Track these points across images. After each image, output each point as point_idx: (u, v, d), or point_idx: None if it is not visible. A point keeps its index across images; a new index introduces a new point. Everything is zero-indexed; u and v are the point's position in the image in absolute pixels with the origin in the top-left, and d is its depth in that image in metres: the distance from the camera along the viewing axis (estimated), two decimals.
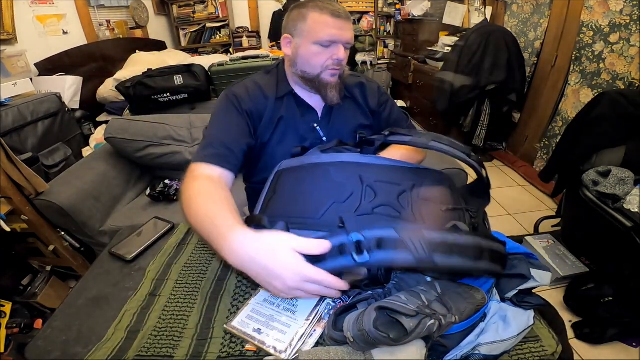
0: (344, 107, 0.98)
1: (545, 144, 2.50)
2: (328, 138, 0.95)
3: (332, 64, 0.86)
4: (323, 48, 0.85)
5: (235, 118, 0.88)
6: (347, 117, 0.98)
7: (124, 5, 3.18)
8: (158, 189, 1.56)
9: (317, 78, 0.88)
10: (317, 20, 0.84)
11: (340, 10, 0.84)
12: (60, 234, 1.51)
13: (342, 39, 0.84)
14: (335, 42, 0.84)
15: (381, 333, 0.49)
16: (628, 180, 1.29)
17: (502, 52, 2.42)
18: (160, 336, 0.63)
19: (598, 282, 1.47)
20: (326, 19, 0.83)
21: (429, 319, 0.50)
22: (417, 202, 0.66)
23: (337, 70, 0.88)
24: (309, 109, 0.95)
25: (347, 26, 0.85)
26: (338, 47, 0.85)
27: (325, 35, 0.83)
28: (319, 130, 0.95)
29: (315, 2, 0.85)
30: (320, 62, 0.86)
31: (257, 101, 0.91)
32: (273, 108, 0.91)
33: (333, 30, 0.83)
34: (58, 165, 1.76)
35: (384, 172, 0.73)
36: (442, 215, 0.64)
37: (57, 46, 2.34)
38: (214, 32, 4.17)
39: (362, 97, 1.00)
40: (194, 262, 0.81)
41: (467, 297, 0.54)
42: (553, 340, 0.61)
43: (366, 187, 0.67)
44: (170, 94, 1.99)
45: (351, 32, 0.86)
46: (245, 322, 0.61)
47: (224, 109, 0.89)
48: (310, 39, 0.85)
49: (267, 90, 0.92)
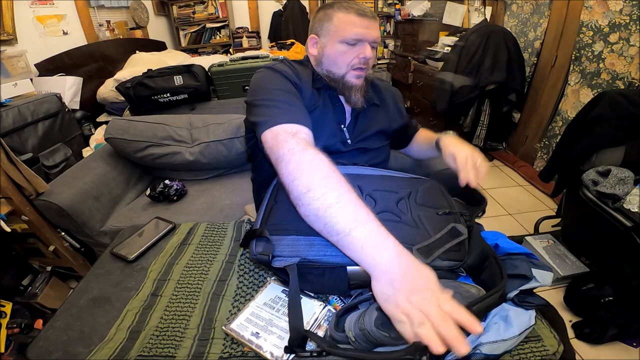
0: (371, 113, 0.97)
1: (545, 144, 2.51)
2: (352, 141, 0.94)
3: (358, 62, 0.86)
4: (349, 46, 0.85)
5: (289, 85, 0.84)
6: (371, 123, 0.97)
7: (124, 5, 3.18)
8: (158, 189, 1.55)
9: (342, 79, 0.88)
10: (342, 19, 0.85)
11: (366, 10, 0.85)
12: (60, 234, 1.51)
13: (369, 37, 0.85)
14: (361, 40, 0.84)
15: (382, 332, 0.49)
16: (628, 180, 1.29)
17: (502, 52, 2.42)
18: (162, 336, 0.63)
19: (598, 282, 1.47)
20: (352, 18, 0.84)
21: None
22: (415, 207, 0.69)
23: (363, 71, 0.88)
24: (340, 108, 0.94)
25: (374, 25, 0.85)
26: (364, 45, 0.85)
27: (351, 34, 0.84)
28: (345, 131, 0.94)
29: (341, 2, 0.86)
30: (346, 60, 0.86)
31: (300, 80, 0.88)
32: (310, 94, 0.89)
33: (359, 28, 0.83)
34: (58, 165, 1.76)
35: (381, 182, 0.77)
36: (439, 219, 0.67)
37: (57, 47, 2.33)
38: (213, 33, 4.17)
39: (395, 105, 1.05)
40: (195, 262, 0.81)
41: (468, 296, 0.54)
42: (554, 340, 0.61)
43: (366, 195, 0.71)
44: (170, 95, 1.98)
45: (377, 32, 0.87)
46: (243, 325, 0.61)
47: (276, 80, 0.83)
48: (337, 37, 0.85)
49: (306, 76, 0.91)
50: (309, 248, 0.61)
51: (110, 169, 1.64)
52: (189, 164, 1.68)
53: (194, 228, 0.94)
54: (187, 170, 1.76)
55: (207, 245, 0.87)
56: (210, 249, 0.86)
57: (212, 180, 1.77)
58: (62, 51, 2.33)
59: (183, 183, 1.65)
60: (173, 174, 1.75)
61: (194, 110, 2.06)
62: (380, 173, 0.82)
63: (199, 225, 0.95)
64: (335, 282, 0.62)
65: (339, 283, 0.62)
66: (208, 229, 0.93)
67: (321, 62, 0.90)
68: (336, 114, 0.93)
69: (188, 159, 1.66)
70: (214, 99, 2.19)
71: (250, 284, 0.74)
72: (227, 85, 2.16)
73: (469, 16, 3.19)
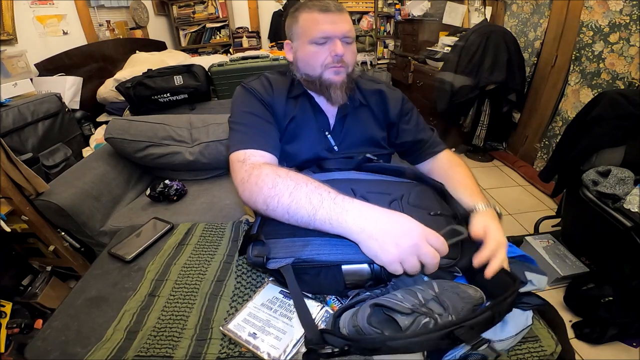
0: (359, 115, 0.93)
1: (545, 144, 2.50)
2: (339, 148, 0.92)
3: (331, 61, 0.82)
4: (319, 46, 0.82)
5: (261, 107, 0.85)
6: (360, 127, 0.93)
7: (124, 5, 3.19)
8: (158, 189, 1.56)
9: (319, 79, 0.85)
10: (307, 19, 0.82)
11: (330, 4, 0.81)
12: (60, 234, 1.52)
13: (337, 32, 0.80)
14: (329, 37, 0.81)
15: (374, 329, 0.49)
16: (628, 180, 1.29)
17: (502, 52, 2.41)
18: (160, 336, 0.63)
19: (598, 282, 1.47)
20: (315, 16, 0.81)
21: (424, 317, 0.50)
22: (408, 208, 0.69)
23: (340, 68, 0.83)
24: (321, 114, 0.91)
25: (340, 18, 0.81)
26: (334, 42, 0.81)
27: (317, 32, 0.80)
28: (330, 138, 0.91)
29: (305, 2, 0.83)
30: (319, 61, 0.83)
31: (272, 95, 0.88)
32: (285, 105, 0.88)
33: (324, 25, 0.80)
34: (58, 165, 1.76)
35: (374, 185, 0.77)
36: (431, 219, 0.67)
37: (57, 46, 2.34)
38: (214, 33, 4.17)
39: (380, 106, 0.95)
40: (193, 262, 0.81)
41: (465, 297, 0.54)
42: (552, 340, 0.61)
43: (359, 197, 0.70)
44: (170, 94, 1.98)
45: (346, 25, 0.82)
46: (241, 325, 0.61)
47: (247, 101, 0.86)
48: (305, 39, 0.83)
49: (281, 87, 0.90)
50: (303, 248, 0.61)
51: (110, 169, 1.64)
52: (189, 164, 1.69)
53: (192, 228, 0.94)
54: (187, 170, 1.76)
55: (205, 245, 0.87)
56: (208, 250, 0.86)
57: (212, 180, 1.78)
58: (62, 51, 2.33)
59: (183, 183, 1.65)
60: (173, 174, 1.75)
61: (194, 110, 2.06)
62: (375, 178, 0.82)
63: (197, 225, 0.95)
64: (332, 282, 0.62)
65: (335, 282, 0.62)
66: (206, 230, 0.93)
67: (297, 67, 0.88)
68: (318, 121, 0.91)
69: (188, 159, 1.66)
70: (214, 99, 2.19)
71: (247, 285, 0.74)
72: (227, 85, 2.16)
73: (469, 16, 3.19)
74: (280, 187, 0.63)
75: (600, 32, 1.99)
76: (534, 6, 2.56)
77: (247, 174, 0.69)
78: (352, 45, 0.85)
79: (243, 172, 0.70)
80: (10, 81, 1.82)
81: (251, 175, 0.68)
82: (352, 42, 0.84)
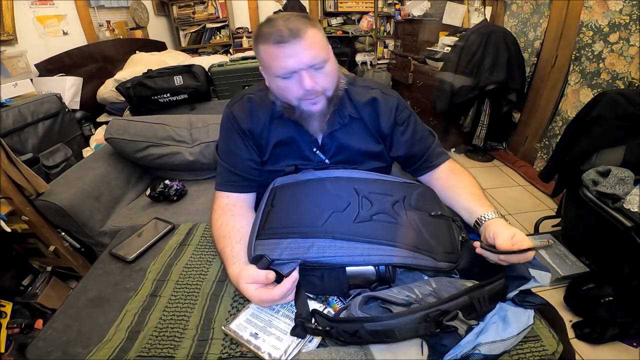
0: (350, 129, 0.87)
1: (545, 144, 2.50)
2: (331, 162, 0.88)
3: (303, 94, 0.74)
4: (287, 80, 0.73)
5: (237, 140, 0.86)
6: (353, 142, 0.87)
7: (124, 5, 3.18)
8: (158, 189, 1.55)
9: (298, 108, 0.78)
10: (266, 53, 0.73)
11: (283, 33, 0.69)
12: (60, 234, 1.51)
13: (300, 65, 0.71)
14: (293, 71, 0.72)
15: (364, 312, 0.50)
16: (628, 180, 1.29)
17: (502, 52, 2.42)
18: (161, 337, 0.63)
19: (598, 282, 1.47)
20: (272, 51, 0.71)
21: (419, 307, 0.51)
22: (410, 210, 0.72)
23: (316, 98, 0.76)
24: (307, 133, 0.85)
25: (299, 48, 0.69)
26: (300, 75, 0.72)
27: (278, 70, 0.72)
28: (319, 154, 0.88)
29: (262, 29, 0.73)
30: (292, 94, 0.75)
31: (252, 120, 0.85)
32: (269, 127, 0.85)
33: (283, 61, 0.71)
34: (58, 165, 1.76)
35: (376, 185, 0.78)
36: (432, 220, 0.70)
37: (57, 47, 2.33)
38: (214, 33, 4.17)
39: (372, 118, 0.87)
40: (194, 263, 0.81)
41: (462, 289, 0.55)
42: (553, 340, 0.61)
43: (362, 197, 0.72)
44: (170, 95, 1.98)
45: (308, 52, 0.70)
46: (243, 325, 0.61)
47: (226, 131, 0.88)
48: (271, 72, 0.75)
49: (265, 108, 0.85)
50: (308, 250, 0.61)
51: (111, 169, 1.64)
52: (189, 164, 1.68)
53: (193, 229, 0.94)
54: (187, 170, 1.76)
55: (206, 245, 0.87)
56: (209, 250, 0.86)
57: (212, 180, 1.75)
58: (62, 51, 2.33)
59: (183, 183, 1.65)
60: (173, 174, 1.75)
61: (194, 110, 2.06)
62: (375, 177, 0.82)
63: (198, 225, 0.95)
64: (335, 283, 0.63)
65: (338, 284, 0.62)
66: (207, 230, 0.93)
67: (275, 95, 0.81)
68: (305, 140, 0.86)
69: (188, 159, 1.66)
70: (214, 99, 2.19)
71: None
72: (227, 85, 2.16)
73: (469, 16, 3.19)
74: (219, 246, 0.77)
75: (600, 32, 1.99)
76: (534, 6, 2.56)
77: (213, 209, 0.84)
78: (326, 67, 0.74)
79: (215, 214, 0.83)
80: (10, 81, 1.82)
81: (216, 222, 0.81)
82: (323, 65, 0.73)
